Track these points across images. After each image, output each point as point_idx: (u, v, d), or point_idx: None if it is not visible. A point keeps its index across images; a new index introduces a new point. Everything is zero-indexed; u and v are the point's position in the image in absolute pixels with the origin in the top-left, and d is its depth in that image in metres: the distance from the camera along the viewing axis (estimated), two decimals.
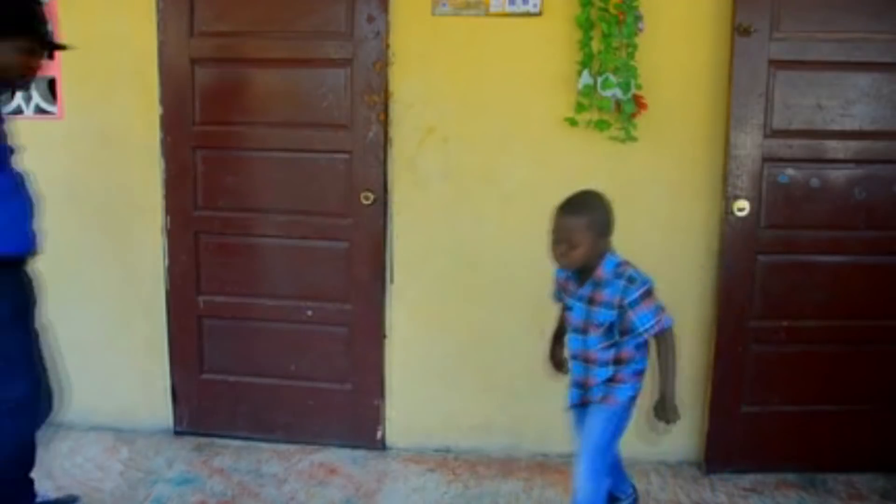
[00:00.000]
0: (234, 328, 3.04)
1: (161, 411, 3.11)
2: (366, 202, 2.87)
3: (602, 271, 2.03)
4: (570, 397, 2.18)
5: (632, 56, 2.63)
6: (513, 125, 2.80)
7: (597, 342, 2.06)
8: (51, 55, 2.18)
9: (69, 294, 3.09)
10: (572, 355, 2.15)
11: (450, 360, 2.95)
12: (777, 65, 2.63)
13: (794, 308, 2.75)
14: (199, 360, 3.07)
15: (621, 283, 1.99)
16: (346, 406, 2.99)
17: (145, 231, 3.01)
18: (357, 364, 2.98)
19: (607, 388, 2.09)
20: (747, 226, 2.70)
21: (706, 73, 2.70)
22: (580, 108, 2.69)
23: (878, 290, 2.75)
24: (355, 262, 2.92)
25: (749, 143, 2.66)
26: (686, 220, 2.80)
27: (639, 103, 2.65)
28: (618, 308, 2.00)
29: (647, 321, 1.99)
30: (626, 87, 2.62)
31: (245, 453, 2.93)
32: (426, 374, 2.97)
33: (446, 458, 2.94)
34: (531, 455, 2.93)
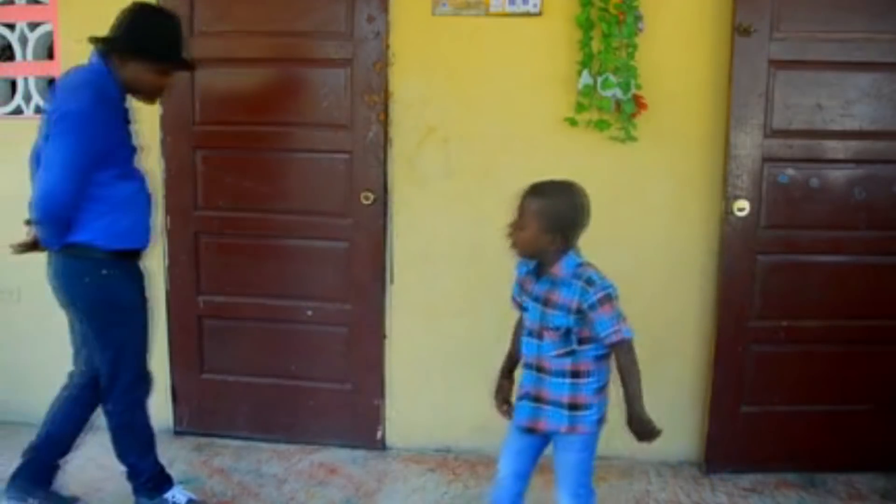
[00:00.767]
0: (234, 328, 3.04)
1: (161, 411, 3.09)
2: (366, 202, 2.87)
3: (560, 269, 1.86)
4: (520, 412, 1.96)
5: (632, 56, 2.63)
6: (513, 125, 2.80)
7: (552, 348, 1.88)
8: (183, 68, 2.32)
9: None
10: (525, 363, 1.96)
11: (450, 360, 2.95)
12: (777, 65, 2.63)
13: (794, 308, 2.75)
14: (199, 360, 3.07)
15: (579, 284, 1.83)
16: (346, 406, 2.99)
17: None
18: (357, 364, 2.98)
19: (573, 416, 1.89)
20: (747, 226, 2.70)
21: (706, 73, 2.70)
22: (580, 108, 2.69)
23: (878, 290, 2.75)
24: (355, 262, 2.92)
25: (749, 143, 2.66)
26: (686, 221, 2.80)
27: (639, 103, 2.65)
28: (575, 313, 1.83)
29: (605, 327, 1.82)
30: (626, 87, 2.62)
31: (245, 453, 2.93)
32: (426, 374, 2.97)
33: (446, 458, 2.94)
34: None
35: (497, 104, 2.80)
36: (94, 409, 2.47)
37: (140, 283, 2.38)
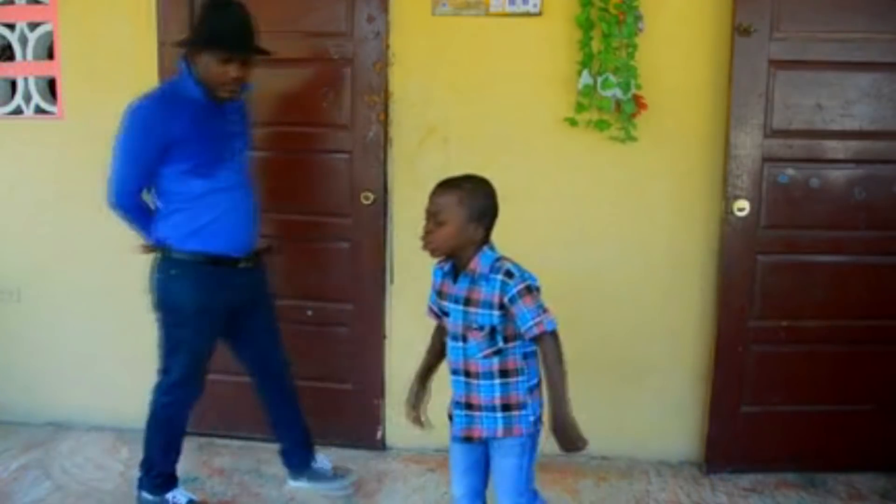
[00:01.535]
0: None
1: None
2: (366, 202, 2.87)
3: (477, 265, 1.81)
4: (457, 424, 1.90)
5: (632, 56, 2.63)
6: (513, 125, 2.80)
7: (477, 350, 1.82)
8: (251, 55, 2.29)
9: (69, 294, 3.10)
10: (452, 370, 1.90)
11: None
12: (777, 65, 2.63)
13: (794, 308, 2.75)
14: None
15: (499, 277, 1.77)
16: (346, 406, 2.99)
17: None
18: (357, 364, 2.98)
19: (507, 418, 1.84)
20: (747, 226, 2.69)
21: (706, 73, 2.70)
22: (580, 108, 2.69)
23: (878, 290, 2.75)
24: (355, 261, 2.92)
25: (749, 143, 2.66)
26: (686, 220, 2.80)
27: (639, 103, 2.65)
28: (499, 308, 1.78)
29: (526, 320, 1.75)
30: (625, 87, 2.62)
31: (245, 453, 2.93)
32: None
33: (446, 458, 2.93)
34: None
35: (497, 104, 2.80)
36: (286, 381, 2.59)
37: (215, 289, 2.33)
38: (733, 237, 2.70)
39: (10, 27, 3.02)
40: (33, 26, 3.00)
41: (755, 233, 2.71)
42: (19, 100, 3.05)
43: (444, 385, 2.95)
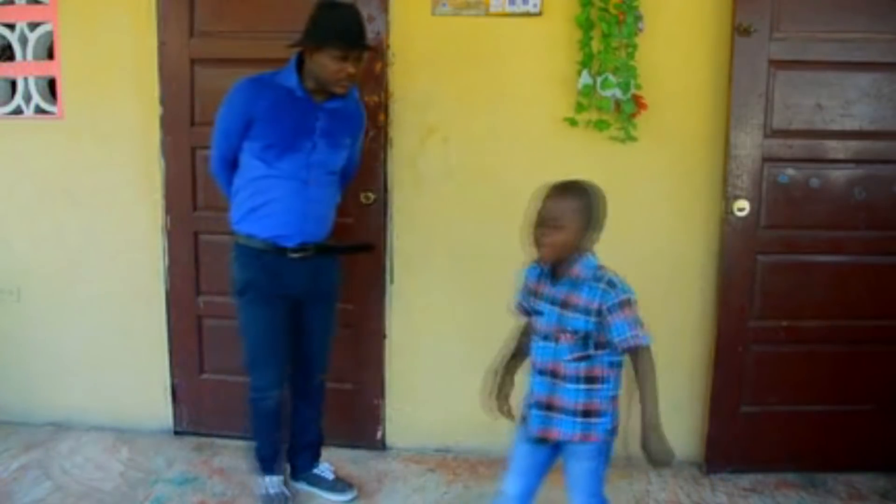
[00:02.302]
0: (234, 328, 3.01)
1: (161, 411, 3.11)
2: (366, 202, 2.87)
3: (580, 270, 1.82)
4: (534, 422, 1.88)
5: (631, 56, 2.63)
6: (513, 125, 2.80)
7: (567, 352, 1.82)
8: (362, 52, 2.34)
9: (69, 294, 3.10)
10: (538, 369, 1.89)
11: (450, 360, 2.95)
12: (777, 65, 2.63)
13: (794, 308, 2.75)
14: (199, 360, 3.07)
15: (600, 286, 1.78)
16: (346, 406, 2.98)
17: (145, 231, 3.01)
18: (357, 364, 2.98)
19: (585, 424, 1.85)
20: (747, 226, 2.70)
21: (706, 73, 2.70)
22: (580, 108, 2.69)
23: (878, 290, 2.75)
24: (355, 261, 2.92)
25: (749, 143, 2.66)
26: (686, 220, 2.80)
27: (638, 103, 2.65)
28: (595, 315, 1.78)
29: (623, 331, 1.77)
30: (625, 87, 2.62)
31: (245, 453, 2.91)
32: (426, 374, 2.97)
33: (446, 458, 2.94)
34: None
35: (497, 104, 2.80)
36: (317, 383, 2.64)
37: (263, 275, 2.38)
38: (733, 237, 2.70)
39: (10, 27, 3.02)
40: (33, 26, 3.00)
41: (755, 233, 2.71)
42: (19, 100, 3.05)
43: (444, 387, 2.97)
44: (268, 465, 2.58)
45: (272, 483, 2.56)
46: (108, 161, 3.00)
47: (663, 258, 2.81)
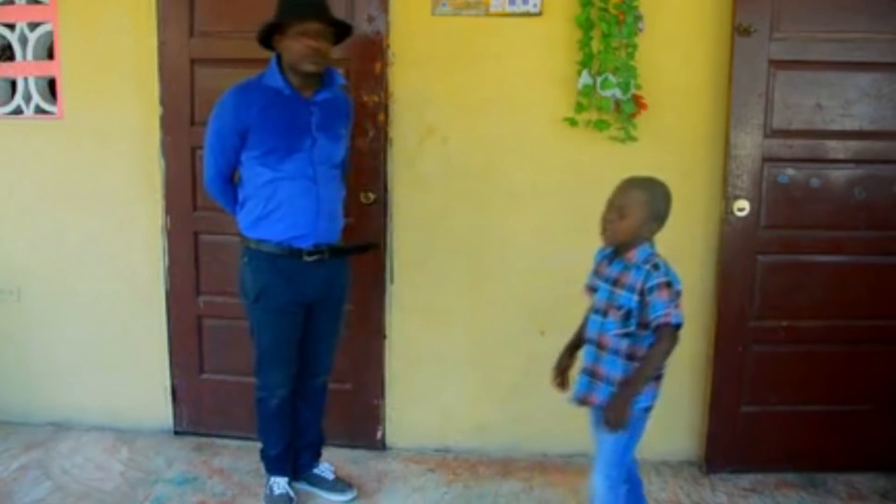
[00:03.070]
0: (234, 328, 3.03)
1: (161, 411, 3.11)
2: (366, 202, 2.87)
3: (635, 255, 2.00)
4: (578, 386, 2.09)
5: (631, 56, 2.63)
6: (513, 125, 2.80)
7: (613, 326, 1.99)
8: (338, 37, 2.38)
9: (69, 294, 3.10)
10: (588, 339, 2.08)
11: (450, 360, 2.95)
12: (777, 65, 2.63)
13: (794, 308, 2.75)
14: (199, 360, 3.07)
15: (646, 267, 1.96)
16: (346, 406, 2.98)
17: (145, 231, 3.01)
18: (357, 364, 2.98)
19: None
20: (747, 226, 2.70)
21: (706, 73, 2.70)
22: (580, 108, 2.69)
23: (878, 290, 2.75)
24: (355, 261, 2.92)
25: (749, 143, 2.66)
26: (686, 220, 2.79)
27: (638, 103, 2.65)
28: (639, 294, 1.95)
29: (657, 309, 1.92)
30: (625, 86, 2.62)
31: (245, 453, 2.92)
32: (426, 374, 2.97)
33: (446, 458, 2.94)
34: (531, 455, 2.93)
35: (497, 104, 2.80)
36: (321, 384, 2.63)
37: (278, 280, 2.36)
38: (733, 237, 2.70)
39: (10, 27, 3.02)
40: (33, 26, 3.00)
41: (755, 233, 2.71)
42: (19, 100, 3.05)
43: (444, 387, 2.97)
44: (274, 465, 2.57)
45: (278, 483, 2.56)
46: (108, 161, 3.00)
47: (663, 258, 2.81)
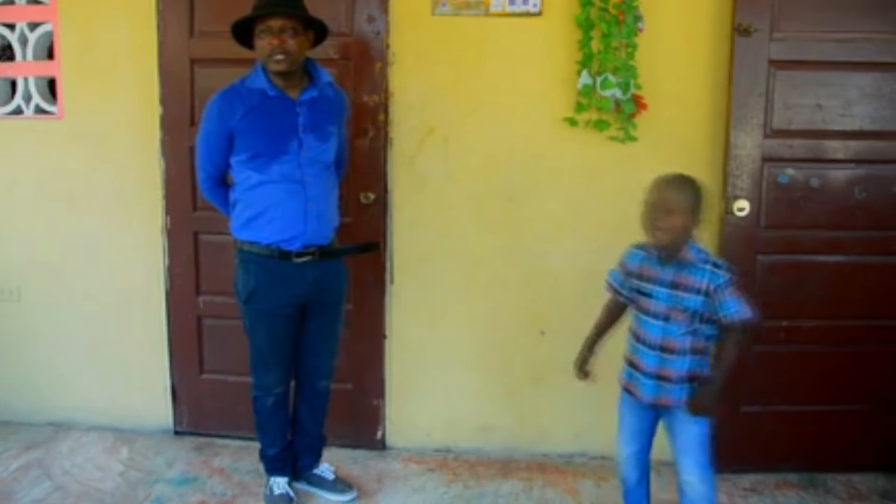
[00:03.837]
0: (234, 328, 3.02)
1: (161, 411, 3.11)
2: (366, 202, 2.87)
3: (689, 254, 2.03)
4: (646, 390, 2.11)
5: (631, 56, 2.63)
6: (513, 125, 2.80)
7: (678, 329, 2.03)
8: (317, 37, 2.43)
9: (69, 293, 3.10)
10: (647, 344, 2.09)
11: (450, 360, 2.95)
12: (777, 65, 2.63)
13: (794, 308, 2.75)
14: (199, 360, 3.07)
15: (708, 268, 2.01)
16: (346, 406, 2.98)
17: (145, 231, 3.01)
18: (357, 364, 2.98)
19: (692, 388, 2.06)
20: (747, 226, 2.70)
21: (706, 73, 2.70)
22: (580, 108, 2.69)
23: (878, 290, 2.75)
24: (355, 262, 2.92)
25: (749, 143, 2.66)
26: None
27: (638, 103, 2.66)
28: (704, 294, 2.00)
29: (730, 307, 1.99)
30: (625, 86, 2.62)
31: (245, 453, 2.92)
32: (426, 374, 2.97)
33: (446, 458, 2.94)
34: (531, 455, 2.94)
35: (497, 104, 2.80)
36: (321, 386, 2.63)
37: (269, 281, 2.36)
38: (733, 237, 2.70)
39: (10, 27, 3.02)
40: (33, 26, 3.00)
41: (755, 233, 2.71)
42: (19, 100, 3.05)
43: (444, 387, 2.97)
44: (273, 464, 2.58)
45: (278, 484, 2.56)
46: (108, 161, 3.00)
47: None
